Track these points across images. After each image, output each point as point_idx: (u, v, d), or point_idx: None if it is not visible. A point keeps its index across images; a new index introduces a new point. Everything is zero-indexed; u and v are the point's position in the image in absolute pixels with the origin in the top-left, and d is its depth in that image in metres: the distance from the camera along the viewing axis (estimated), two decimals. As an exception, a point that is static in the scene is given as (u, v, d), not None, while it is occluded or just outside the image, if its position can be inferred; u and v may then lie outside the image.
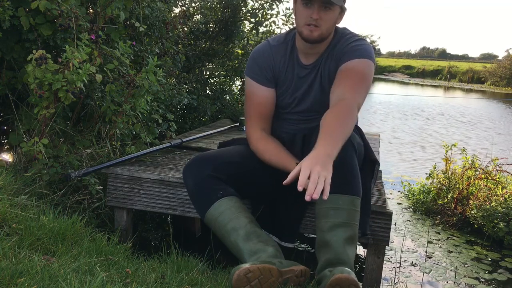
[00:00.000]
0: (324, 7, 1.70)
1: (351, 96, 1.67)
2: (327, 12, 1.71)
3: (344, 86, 1.71)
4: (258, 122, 1.90)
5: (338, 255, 1.55)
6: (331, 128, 1.55)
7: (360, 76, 1.73)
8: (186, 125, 3.94)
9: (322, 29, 1.73)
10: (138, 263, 1.72)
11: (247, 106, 1.95)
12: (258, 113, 1.91)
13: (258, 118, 1.91)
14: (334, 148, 1.49)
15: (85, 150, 2.30)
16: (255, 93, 1.91)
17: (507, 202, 3.26)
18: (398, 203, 4.05)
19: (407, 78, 33.12)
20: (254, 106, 1.92)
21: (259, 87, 1.90)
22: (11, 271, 1.31)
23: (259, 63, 1.90)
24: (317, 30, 1.72)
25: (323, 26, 1.72)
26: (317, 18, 1.70)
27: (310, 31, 1.73)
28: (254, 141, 1.89)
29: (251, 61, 1.93)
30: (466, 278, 2.62)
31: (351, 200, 1.60)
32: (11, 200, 1.81)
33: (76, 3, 2.29)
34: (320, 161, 1.42)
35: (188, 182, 1.78)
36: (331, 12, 1.72)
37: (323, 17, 1.71)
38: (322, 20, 1.71)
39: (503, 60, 30.27)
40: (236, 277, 1.43)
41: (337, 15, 1.76)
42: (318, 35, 1.74)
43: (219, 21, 4.43)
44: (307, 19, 1.72)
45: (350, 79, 1.72)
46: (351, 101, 1.65)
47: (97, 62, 2.24)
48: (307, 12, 1.72)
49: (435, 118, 10.71)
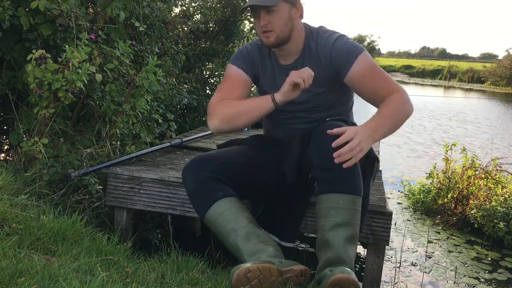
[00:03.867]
0: (267, 12, 1.74)
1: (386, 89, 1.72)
2: (272, 14, 1.74)
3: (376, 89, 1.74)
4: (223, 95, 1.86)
5: (339, 254, 1.55)
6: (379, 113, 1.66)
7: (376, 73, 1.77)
8: (186, 124, 3.94)
9: (276, 31, 1.76)
10: (138, 262, 1.72)
11: (220, 85, 1.97)
12: (227, 89, 1.88)
13: (225, 93, 1.87)
14: (381, 126, 1.61)
15: (85, 149, 2.30)
16: (231, 74, 1.92)
17: (507, 202, 3.26)
18: (398, 203, 4.05)
19: (407, 77, 33.11)
20: (226, 83, 1.92)
21: (237, 70, 1.92)
22: (11, 270, 1.31)
23: (243, 54, 1.95)
24: (271, 34, 1.77)
25: (276, 28, 1.76)
26: (265, 23, 1.75)
27: (266, 38, 1.78)
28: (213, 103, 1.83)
29: (237, 53, 1.98)
30: (466, 278, 2.62)
31: (352, 199, 1.61)
32: (11, 200, 1.81)
33: (76, 3, 2.29)
34: (367, 132, 1.54)
35: (187, 183, 1.78)
36: (277, 13, 1.74)
37: (271, 20, 1.75)
38: (271, 23, 1.75)
39: (503, 60, 30.26)
40: (236, 277, 1.43)
41: (288, 12, 1.77)
42: (275, 38, 1.77)
43: (219, 21, 4.43)
44: (260, 28, 1.78)
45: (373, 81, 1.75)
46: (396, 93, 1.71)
47: (97, 62, 2.24)
48: (258, 22, 1.78)
49: (435, 118, 10.70)
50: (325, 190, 1.62)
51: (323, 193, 1.63)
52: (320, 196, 1.64)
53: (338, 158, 1.50)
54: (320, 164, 1.62)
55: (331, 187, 1.61)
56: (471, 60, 55.30)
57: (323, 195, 1.63)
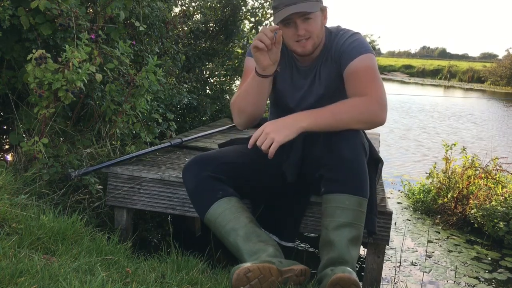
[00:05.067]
0: (304, 20, 1.70)
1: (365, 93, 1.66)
2: (309, 22, 1.70)
3: (355, 88, 1.70)
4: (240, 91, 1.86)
5: (341, 255, 1.55)
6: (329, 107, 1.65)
7: (368, 74, 1.71)
8: (186, 124, 3.94)
9: (313, 38, 1.73)
10: (138, 262, 1.72)
11: (241, 81, 1.94)
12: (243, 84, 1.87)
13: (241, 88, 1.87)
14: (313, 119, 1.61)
15: (85, 149, 2.30)
16: (248, 66, 1.88)
17: (507, 202, 3.26)
18: (398, 203, 4.05)
19: (407, 77, 33.11)
20: (243, 78, 1.90)
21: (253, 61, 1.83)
22: (11, 270, 1.31)
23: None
24: (309, 42, 1.73)
25: (313, 35, 1.73)
26: (303, 32, 1.70)
27: (303, 47, 1.73)
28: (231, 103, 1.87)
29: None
30: (466, 278, 2.62)
31: (358, 201, 1.60)
32: (11, 200, 1.81)
33: (76, 3, 2.29)
34: (280, 125, 1.59)
35: (187, 183, 1.78)
36: (313, 20, 1.71)
37: (308, 28, 1.71)
38: (309, 31, 1.71)
39: (503, 60, 30.25)
40: (236, 277, 1.43)
41: (321, 19, 1.75)
42: (312, 46, 1.74)
43: (219, 21, 4.43)
44: (294, 37, 1.72)
45: (358, 80, 1.71)
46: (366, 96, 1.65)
47: (97, 62, 2.23)
48: (291, 31, 1.72)
49: (435, 117, 10.70)
50: (332, 190, 1.62)
51: (329, 193, 1.63)
52: (326, 196, 1.64)
53: (251, 146, 1.62)
54: (328, 163, 1.62)
55: (338, 187, 1.60)
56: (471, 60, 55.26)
57: (330, 194, 1.63)
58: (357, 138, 1.65)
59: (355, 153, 1.61)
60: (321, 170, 1.66)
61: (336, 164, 1.60)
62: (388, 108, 1.72)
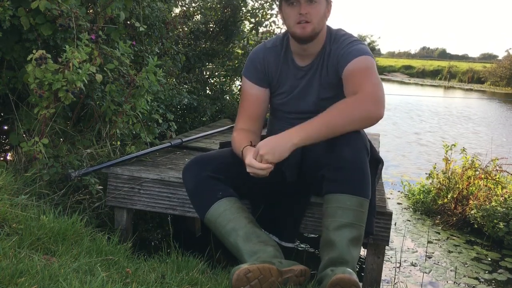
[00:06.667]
0: (309, 2, 1.70)
1: (357, 92, 1.64)
2: (313, 5, 1.71)
3: (350, 88, 1.70)
4: (244, 118, 1.93)
5: (342, 255, 1.55)
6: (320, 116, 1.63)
7: (364, 72, 1.70)
8: (186, 125, 3.94)
9: (313, 23, 1.72)
10: (138, 263, 1.72)
11: (240, 103, 2.00)
12: (247, 110, 1.94)
13: (244, 115, 1.94)
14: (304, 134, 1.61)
15: (85, 150, 2.30)
16: (247, 91, 1.94)
17: (507, 202, 3.26)
18: (398, 203, 4.06)
19: (407, 78, 33.11)
20: (244, 102, 1.95)
21: (252, 86, 1.92)
22: (11, 271, 1.32)
23: (254, 63, 1.92)
24: (309, 25, 1.72)
25: (314, 19, 1.72)
26: (306, 12, 1.70)
27: (302, 28, 1.72)
28: (232, 138, 1.91)
29: (248, 62, 1.96)
30: (466, 278, 2.63)
31: (359, 201, 1.60)
32: (11, 200, 1.81)
33: (76, 3, 2.29)
34: (273, 145, 1.60)
35: (187, 183, 1.78)
36: (317, 5, 1.72)
37: (311, 11, 1.71)
38: (311, 14, 1.71)
39: (503, 60, 30.24)
40: (236, 277, 1.43)
41: (324, 8, 1.76)
42: (311, 30, 1.73)
43: (219, 21, 4.43)
44: (296, 17, 1.72)
45: (352, 81, 1.70)
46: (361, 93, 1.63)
47: (97, 62, 2.23)
48: (294, 10, 1.72)
49: (434, 117, 10.70)
50: (334, 190, 1.62)
51: (331, 193, 1.63)
52: (327, 196, 1.64)
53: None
54: (331, 163, 1.62)
55: (340, 188, 1.60)
56: (471, 61, 55.24)
57: (331, 194, 1.62)
58: (358, 138, 1.64)
59: (357, 153, 1.61)
60: (323, 170, 1.66)
61: (337, 164, 1.60)
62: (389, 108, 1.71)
